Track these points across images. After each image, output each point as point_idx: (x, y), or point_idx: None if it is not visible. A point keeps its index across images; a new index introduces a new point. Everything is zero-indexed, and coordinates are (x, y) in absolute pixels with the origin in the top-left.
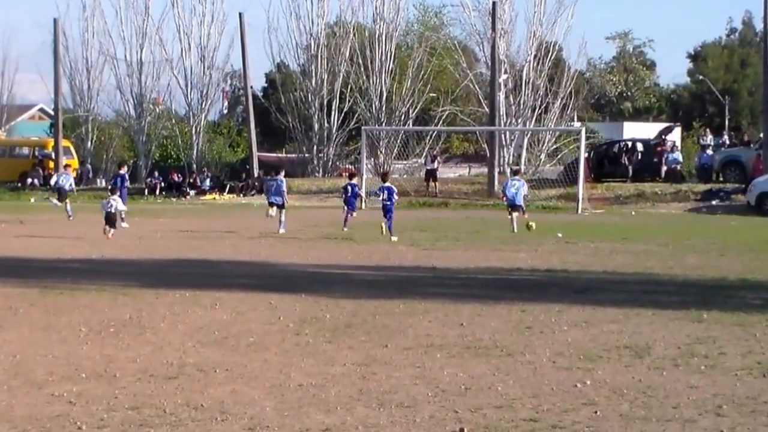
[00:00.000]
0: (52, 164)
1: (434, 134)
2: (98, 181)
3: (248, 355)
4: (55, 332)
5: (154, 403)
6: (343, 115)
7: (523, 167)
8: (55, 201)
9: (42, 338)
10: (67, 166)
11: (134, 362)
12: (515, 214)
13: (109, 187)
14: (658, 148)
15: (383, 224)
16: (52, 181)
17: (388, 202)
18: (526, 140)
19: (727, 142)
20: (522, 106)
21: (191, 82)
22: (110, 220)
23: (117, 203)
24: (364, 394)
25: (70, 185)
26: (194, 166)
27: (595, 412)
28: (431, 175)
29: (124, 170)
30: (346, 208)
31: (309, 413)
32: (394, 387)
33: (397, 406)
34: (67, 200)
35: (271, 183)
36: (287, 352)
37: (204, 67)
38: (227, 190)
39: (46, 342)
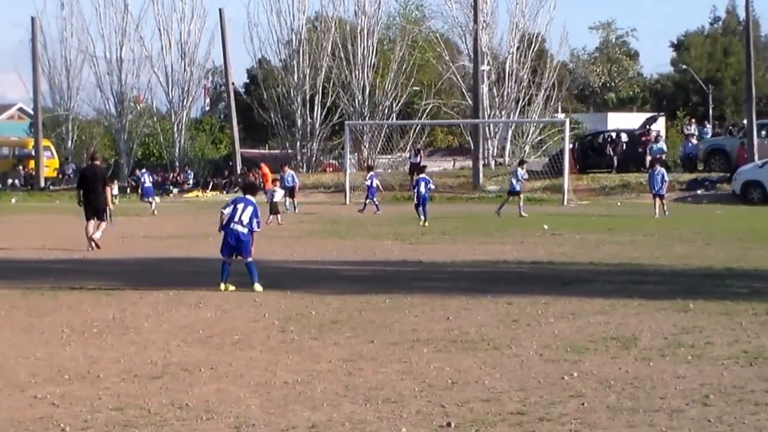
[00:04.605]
0: (32, 164)
1: (418, 128)
2: None
3: (233, 354)
4: (38, 334)
5: (138, 404)
6: (326, 110)
7: (507, 159)
8: None
9: (24, 340)
10: None
11: (118, 362)
12: (658, 201)
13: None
14: (643, 138)
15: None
16: None
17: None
18: (510, 132)
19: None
20: (505, 98)
21: (172, 79)
22: (274, 208)
23: (277, 193)
24: (351, 390)
25: None
26: (177, 163)
27: (583, 404)
28: (416, 168)
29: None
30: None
31: (295, 410)
32: (381, 382)
33: (383, 402)
34: None
35: None
36: (272, 350)
37: (185, 64)
38: (210, 187)
39: (29, 344)
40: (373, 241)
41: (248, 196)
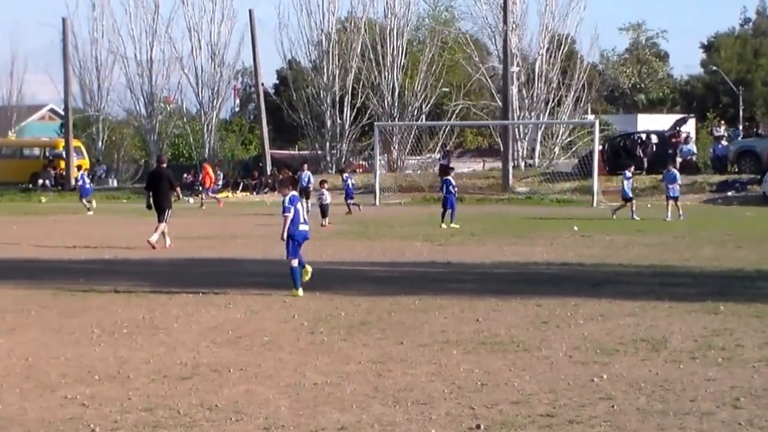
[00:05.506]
0: (63, 164)
1: (447, 129)
2: (110, 180)
3: (262, 355)
4: (68, 334)
5: (168, 404)
6: (355, 111)
7: (536, 160)
8: None
9: (54, 340)
10: None
11: (148, 363)
12: (671, 203)
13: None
14: (673, 140)
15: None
16: None
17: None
18: (539, 134)
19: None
20: (535, 99)
21: (202, 80)
22: (325, 211)
23: (328, 196)
24: (380, 392)
25: None
26: None
27: (612, 407)
28: (444, 170)
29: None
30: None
31: (324, 412)
32: (410, 384)
33: (413, 404)
34: None
35: None
36: (302, 351)
37: (215, 65)
38: (240, 188)
39: (59, 344)
40: (402, 243)
41: (296, 193)
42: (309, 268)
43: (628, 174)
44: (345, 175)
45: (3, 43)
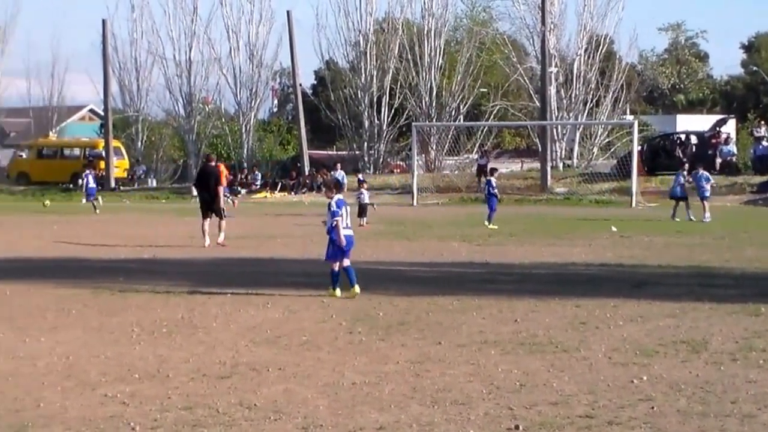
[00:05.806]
0: (103, 164)
1: (485, 129)
2: (149, 180)
3: (301, 354)
4: (108, 333)
5: (207, 403)
6: (393, 111)
7: (575, 161)
8: None
9: (95, 339)
10: None
11: (187, 362)
12: (704, 203)
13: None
14: (713, 141)
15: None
16: None
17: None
18: (578, 134)
19: None
20: (573, 99)
21: (240, 81)
22: (364, 210)
23: (366, 195)
24: (418, 392)
25: None
26: (245, 164)
27: (652, 408)
28: (482, 170)
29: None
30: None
31: (363, 412)
32: (449, 384)
33: (451, 404)
34: None
35: None
36: (340, 351)
37: (253, 66)
38: (278, 188)
39: (99, 343)
40: (440, 243)
41: (341, 196)
42: (357, 289)
43: (686, 174)
44: (359, 176)
45: (44, 44)
